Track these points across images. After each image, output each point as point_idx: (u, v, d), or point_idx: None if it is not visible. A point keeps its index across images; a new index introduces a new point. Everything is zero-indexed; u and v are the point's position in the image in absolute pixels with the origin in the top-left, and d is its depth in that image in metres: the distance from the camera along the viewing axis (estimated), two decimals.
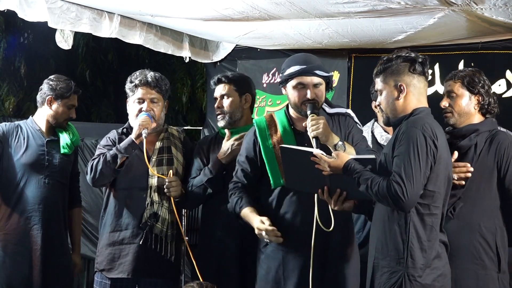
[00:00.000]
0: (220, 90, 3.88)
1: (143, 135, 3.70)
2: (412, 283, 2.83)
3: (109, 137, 3.92)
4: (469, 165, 3.31)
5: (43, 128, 4.11)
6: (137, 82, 3.82)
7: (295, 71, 3.38)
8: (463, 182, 3.31)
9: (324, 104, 3.51)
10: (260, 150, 3.47)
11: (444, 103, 3.45)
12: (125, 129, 3.93)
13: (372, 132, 4.11)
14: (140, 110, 3.81)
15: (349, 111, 3.61)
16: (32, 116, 4.19)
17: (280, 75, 3.50)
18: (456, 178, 3.26)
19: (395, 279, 2.87)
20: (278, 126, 3.48)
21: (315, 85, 3.37)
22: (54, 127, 4.15)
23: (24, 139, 4.07)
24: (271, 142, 3.45)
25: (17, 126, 4.11)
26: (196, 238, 5.24)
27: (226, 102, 3.85)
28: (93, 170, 3.71)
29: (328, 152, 3.14)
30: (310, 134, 3.25)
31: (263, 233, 3.24)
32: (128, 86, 3.88)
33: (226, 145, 3.74)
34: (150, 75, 3.86)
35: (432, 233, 2.88)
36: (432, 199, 2.89)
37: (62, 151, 4.11)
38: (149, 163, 3.77)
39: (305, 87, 3.37)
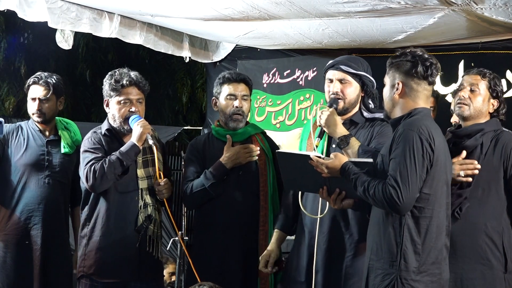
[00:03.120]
0: (242, 90, 3.78)
1: (150, 141, 3.66)
2: (404, 286, 2.82)
3: (94, 139, 3.75)
4: (476, 162, 3.29)
5: (42, 128, 4.11)
6: (124, 82, 3.68)
7: (326, 66, 3.46)
8: (470, 179, 3.29)
9: (363, 108, 3.45)
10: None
11: (464, 93, 3.39)
12: (107, 131, 3.76)
13: None
14: (129, 112, 3.70)
15: None
16: None
17: None
18: (462, 175, 3.25)
19: (387, 281, 2.85)
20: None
21: (341, 81, 3.38)
22: (55, 126, 4.15)
23: (24, 139, 4.08)
24: (306, 141, 3.51)
25: (17, 126, 4.13)
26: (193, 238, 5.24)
27: (246, 104, 3.80)
28: (96, 175, 3.58)
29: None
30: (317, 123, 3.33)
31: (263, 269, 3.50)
32: (111, 86, 3.70)
33: (232, 151, 3.70)
34: (134, 74, 3.75)
35: (427, 236, 2.87)
36: (427, 202, 2.87)
37: (63, 150, 4.10)
38: (136, 165, 3.71)
39: (331, 81, 3.41)
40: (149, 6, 4.62)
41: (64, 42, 4.80)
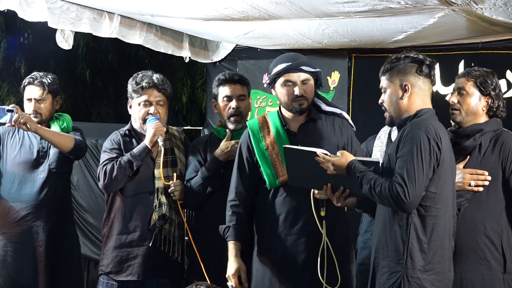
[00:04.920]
0: (237, 90, 3.81)
1: (160, 143, 3.69)
2: (411, 284, 2.83)
3: (113, 140, 3.84)
4: (487, 173, 3.29)
5: None
6: (144, 84, 3.76)
7: (281, 68, 3.42)
8: (481, 189, 3.30)
9: (319, 101, 3.51)
10: (254, 152, 3.48)
11: (453, 99, 3.44)
12: (127, 131, 3.86)
13: (389, 135, 4.05)
14: (148, 113, 3.77)
15: (344, 113, 3.57)
16: None
17: (268, 76, 3.52)
18: (473, 185, 3.26)
19: (394, 279, 2.87)
20: (271, 127, 3.49)
21: (303, 82, 3.40)
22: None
23: (19, 138, 4.16)
24: (264, 144, 3.47)
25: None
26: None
27: (244, 104, 3.83)
28: (107, 176, 3.66)
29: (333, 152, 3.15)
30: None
31: (229, 283, 3.38)
32: (133, 87, 3.80)
33: (225, 144, 3.73)
34: (156, 77, 3.80)
35: (433, 235, 2.88)
36: (434, 201, 2.88)
37: None
38: (154, 165, 3.77)
39: (293, 84, 3.39)
40: (149, 6, 4.62)
41: (64, 42, 4.79)
